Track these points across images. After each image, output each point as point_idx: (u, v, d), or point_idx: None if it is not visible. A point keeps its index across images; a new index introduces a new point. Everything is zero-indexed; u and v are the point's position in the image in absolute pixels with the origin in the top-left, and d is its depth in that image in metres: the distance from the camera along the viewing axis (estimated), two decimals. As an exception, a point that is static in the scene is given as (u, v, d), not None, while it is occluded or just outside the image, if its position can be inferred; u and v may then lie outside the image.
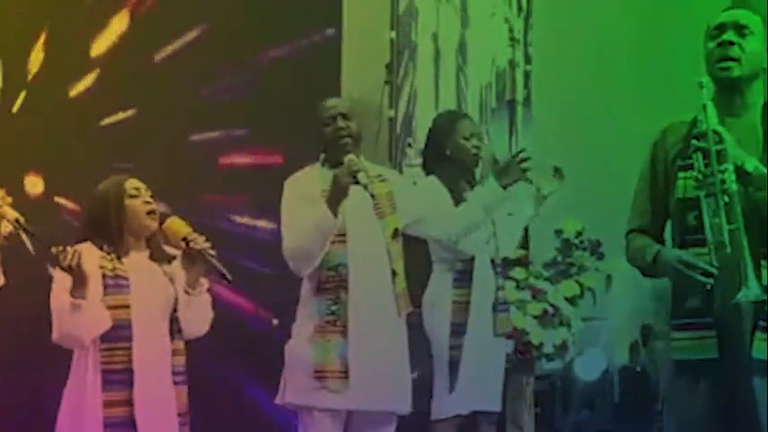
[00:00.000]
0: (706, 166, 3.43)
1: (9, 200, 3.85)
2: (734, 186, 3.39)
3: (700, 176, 3.43)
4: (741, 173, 3.42)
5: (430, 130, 5.25)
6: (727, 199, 3.38)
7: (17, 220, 3.81)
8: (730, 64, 3.53)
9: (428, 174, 5.14)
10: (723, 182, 3.39)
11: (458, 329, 4.96)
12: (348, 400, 4.48)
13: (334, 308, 4.50)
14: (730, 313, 3.45)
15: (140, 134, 5.91)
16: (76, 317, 4.02)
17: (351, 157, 4.47)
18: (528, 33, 6.95)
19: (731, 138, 3.44)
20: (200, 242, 4.15)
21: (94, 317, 4.05)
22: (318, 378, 4.47)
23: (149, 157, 5.68)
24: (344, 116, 4.63)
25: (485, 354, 5.00)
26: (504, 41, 6.90)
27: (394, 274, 4.59)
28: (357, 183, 4.38)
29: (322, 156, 4.68)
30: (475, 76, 6.83)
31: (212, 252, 4.14)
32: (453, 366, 4.93)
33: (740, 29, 3.56)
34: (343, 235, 4.53)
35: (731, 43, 3.54)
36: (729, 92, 3.57)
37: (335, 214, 4.43)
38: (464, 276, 4.99)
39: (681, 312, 3.53)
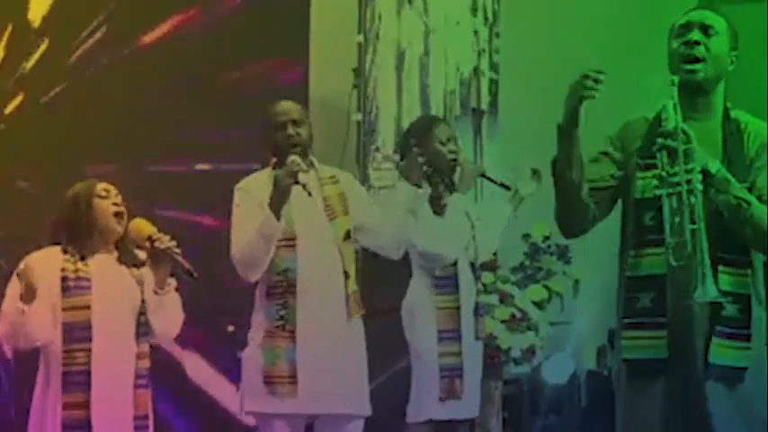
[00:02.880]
0: (671, 164, 3.41)
1: None
2: (699, 186, 3.38)
3: (664, 174, 3.41)
4: (705, 174, 3.41)
5: (405, 135, 5.24)
6: (693, 199, 3.37)
7: None
8: (696, 66, 3.53)
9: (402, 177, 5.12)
10: (689, 181, 3.38)
11: (447, 336, 4.94)
12: (300, 404, 4.47)
13: (282, 313, 4.49)
14: (682, 314, 3.45)
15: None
16: (21, 319, 4.05)
17: (293, 158, 4.44)
18: (493, 41, 6.96)
19: (696, 138, 3.44)
20: (165, 241, 4.16)
21: (35, 325, 4.07)
22: (268, 384, 4.46)
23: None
24: (295, 122, 4.62)
25: (468, 359, 5.00)
26: (469, 49, 6.90)
27: (347, 276, 4.58)
28: (297, 183, 4.37)
29: (273, 160, 4.67)
30: (439, 83, 6.83)
31: (177, 250, 4.14)
32: (446, 373, 4.92)
33: (706, 29, 3.56)
34: (293, 239, 4.51)
35: (696, 43, 3.54)
36: (692, 93, 3.55)
37: (278, 217, 4.41)
38: (448, 282, 4.97)
39: (632, 311, 3.52)
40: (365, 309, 4.67)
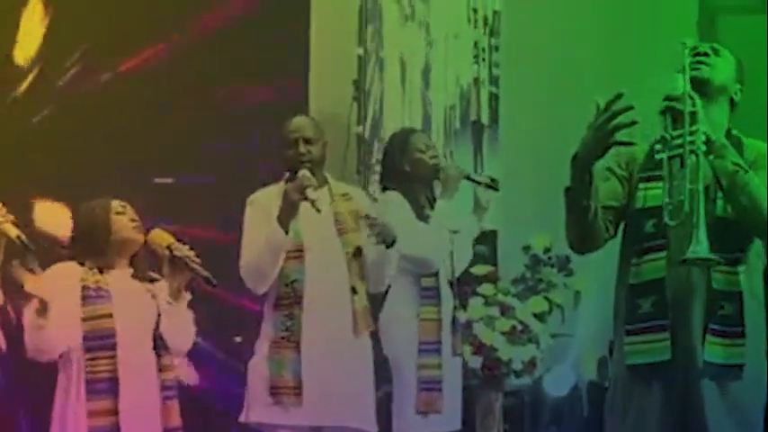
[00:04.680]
0: (674, 128, 3.48)
1: (11, 217, 3.86)
2: (702, 147, 3.44)
3: (667, 137, 3.48)
4: (706, 139, 3.47)
5: (385, 150, 5.27)
6: (695, 158, 3.42)
7: (18, 237, 3.83)
8: (702, 66, 3.61)
9: (384, 191, 5.14)
10: (692, 142, 3.44)
11: (428, 348, 4.94)
12: (304, 416, 4.48)
13: (288, 324, 4.52)
14: (681, 314, 3.51)
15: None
16: (39, 334, 4.07)
17: (303, 172, 4.47)
18: (493, 54, 6.97)
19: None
20: (184, 250, 4.19)
21: (52, 338, 4.10)
22: (273, 394, 4.48)
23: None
24: (307, 140, 4.64)
25: (449, 373, 5.00)
26: (469, 62, 6.91)
27: (355, 291, 4.59)
28: (306, 199, 4.38)
29: (286, 175, 4.69)
30: (439, 98, 6.84)
31: (196, 259, 4.17)
32: (425, 386, 4.92)
33: (715, 49, 3.68)
34: (301, 250, 4.53)
35: (706, 54, 3.64)
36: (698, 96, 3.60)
37: (286, 230, 4.43)
38: (432, 293, 4.98)
39: (634, 318, 3.56)
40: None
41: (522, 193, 5.45)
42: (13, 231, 3.84)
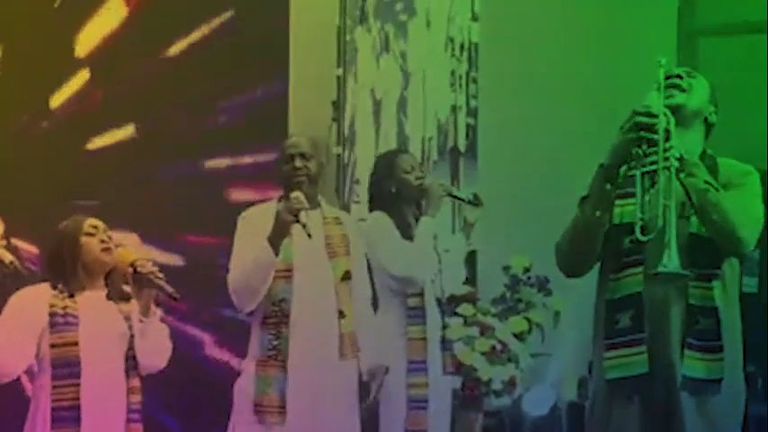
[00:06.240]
0: (648, 145, 3.52)
1: (3, 242, 3.86)
2: (676, 163, 3.49)
3: (639, 152, 3.52)
4: (679, 156, 3.51)
5: (372, 171, 5.29)
6: (668, 174, 3.46)
7: (11, 263, 3.83)
8: (675, 91, 3.63)
9: (372, 211, 5.16)
10: (666, 159, 3.48)
11: (415, 367, 4.94)
12: None
13: (275, 342, 4.52)
14: (660, 329, 3.54)
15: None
16: None
17: (296, 194, 4.47)
18: (470, 85, 6.99)
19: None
20: (147, 266, 4.17)
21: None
22: (257, 412, 4.47)
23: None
24: (303, 156, 4.66)
25: (437, 392, 5.00)
26: (447, 94, 6.93)
27: (342, 315, 4.59)
28: (297, 221, 4.39)
29: (281, 194, 4.70)
30: (417, 129, 6.86)
31: (159, 275, 4.16)
32: (412, 404, 4.91)
33: (688, 72, 3.72)
34: (290, 270, 4.53)
35: (679, 77, 3.67)
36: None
37: (277, 250, 4.43)
38: (418, 313, 4.98)
39: (613, 333, 3.58)
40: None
41: (501, 213, 5.46)
42: (7, 257, 3.86)
